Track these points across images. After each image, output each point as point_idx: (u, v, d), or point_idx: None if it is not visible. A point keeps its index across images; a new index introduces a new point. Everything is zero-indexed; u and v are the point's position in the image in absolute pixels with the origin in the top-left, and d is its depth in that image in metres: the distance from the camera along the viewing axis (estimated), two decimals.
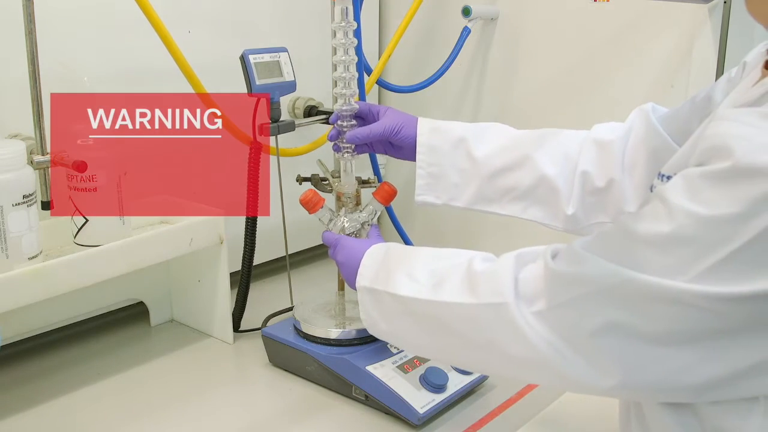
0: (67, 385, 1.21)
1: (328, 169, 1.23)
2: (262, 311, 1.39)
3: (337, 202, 1.20)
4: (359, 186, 1.20)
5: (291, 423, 1.14)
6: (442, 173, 1.14)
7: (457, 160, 1.13)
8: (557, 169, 1.08)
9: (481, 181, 1.12)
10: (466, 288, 0.83)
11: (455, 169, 1.13)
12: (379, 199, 1.17)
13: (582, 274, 0.71)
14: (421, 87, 1.72)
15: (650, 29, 1.47)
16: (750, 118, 0.64)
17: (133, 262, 1.19)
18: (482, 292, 0.80)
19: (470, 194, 1.13)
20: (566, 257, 0.75)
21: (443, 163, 1.13)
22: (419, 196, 1.16)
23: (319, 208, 1.16)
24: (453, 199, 1.14)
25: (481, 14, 1.67)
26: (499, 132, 1.15)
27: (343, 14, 1.12)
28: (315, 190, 1.18)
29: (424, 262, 0.92)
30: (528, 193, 1.10)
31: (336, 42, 1.13)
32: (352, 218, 1.17)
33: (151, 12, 1.18)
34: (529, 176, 1.10)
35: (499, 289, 0.78)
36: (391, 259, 0.97)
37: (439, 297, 0.85)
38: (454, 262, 0.89)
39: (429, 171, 1.14)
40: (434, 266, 0.90)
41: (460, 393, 1.15)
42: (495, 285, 0.79)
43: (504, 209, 1.12)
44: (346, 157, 1.18)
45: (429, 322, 0.88)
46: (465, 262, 0.87)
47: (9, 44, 1.12)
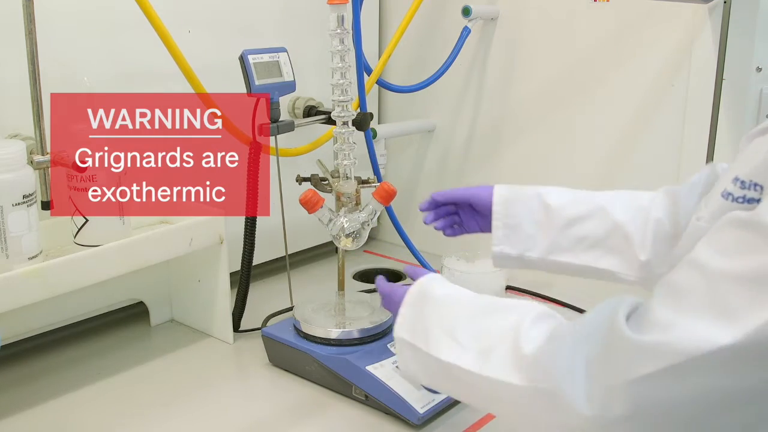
0: (67, 385, 1.21)
1: (328, 170, 1.23)
2: (262, 311, 1.39)
3: (337, 202, 1.20)
4: (359, 186, 1.20)
5: (291, 423, 1.14)
6: (517, 224, 1.14)
7: (532, 212, 1.13)
8: (629, 217, 1.07)
9: (555, 231, 1.11)
10: (514, 366, 0.77)
11: (531, 221, 1.13)
12: (379, 199, 1.18)
13: (672, 343, 0.63)
14: (421, 87, 1.72)
15: (650, 29, 1.47)
16: None
17: (133, 262, 1.19)
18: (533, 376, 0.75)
19: (545, 244, 1.12)
20: (645, 322, 0.67)
21: (519, 214, 1.14)
22: (496, 246, 1.15)
23: (318, 208, 1.17)
24: (528, 249, 1.13)
25: (481, 14, 1.67)
26: (572, 189, 1.15)
27: (339, 21, 1.13)
28: (314, 190, 1.18)
29: (467, 318, 0.88)
30: (601, 241, 1.08)
31: (332, 49, 1.14)
32: (351, 218, 1.17)
33: (151, 12, 1.18)
34: (602, 225, 1.08)
35: (552, 372, 0.72)
36: (428, 308, 0.93)
37: (485, 372, 0.80)
38: (501, 326, 0.83)
39: (505, 222, 1.14)
40: (478, 326, 0.86)
41: None
42: (548, 367, 0.73)
43: (578, 258, 1.10)
44: (346, 165, 1.19)
45: (476, 391, 0.85)
46: (512, 330, 0.80)
47: (9, 44, 1.12)
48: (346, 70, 1.17)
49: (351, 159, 1.20)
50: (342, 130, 1.20)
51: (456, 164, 1.86)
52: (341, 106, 1.18)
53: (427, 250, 1.73)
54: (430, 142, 1.90)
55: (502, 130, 1.74)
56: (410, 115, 1.90)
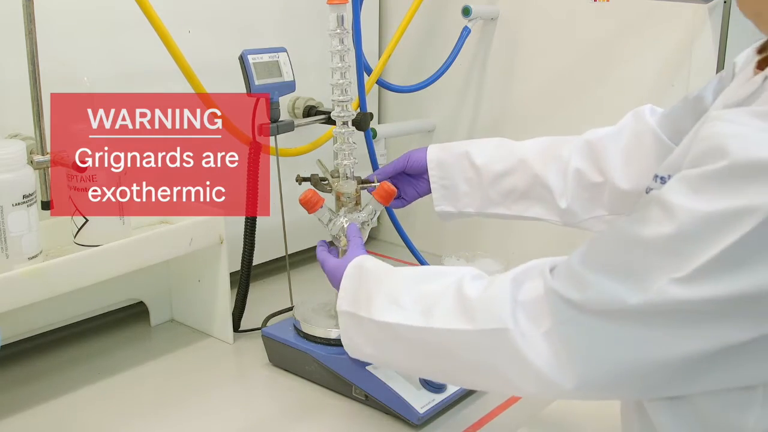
0: (67, 385, 1.21)
1: (328, 169, 1.23)
2: (262, 311, 1.39)
3: (337, 202, 1.20)
4: (359, 186, 1.20)
5: (291, 423, 1.14)
6: (452, 184, 1.22)
7: (463, 171, 1.21)
8: (548, 167, 1.15)
9: (485, 187, 1.20)
10: (460, 313, 0.82)
11: (462, 179, 1.21)
12: (379, 199, 1.18)
13: (586, 301, 0.71)
14: (421, 87, 1.72)
15: (650, 29, 1.47)
16: (741, 117, 0.66)
17: (133, 262, 1.19)
18: (480, 318, 0.79)
19: (479, 200, 1.21)
20: (566, 277, 0.75)
21: (452, 175, 1.22)
22: (437, 207, 1.23)
23: (318, 208, 1.16)
24: (466, 206, 1.22)
25: (481, 14, 1.67)
26: (499, 143, 1.23)
27: (339, 21, 1.13)
28: (314, 190, 1.18)
29: (406, 285, 0.91)
30: (526, 193, 1.17)
31: (332, 48, 1.14)
32: (351, 218, 1.17)
33: (151, 12, 1.18)
34: (524, 178, 1.17)
35: (497, 314, 0.77)
36: (369, 280, 0.96)
37: (431, 324, 0.84)
38: (441, 284, 0.87)
39: (441, 183, 1.22)
40: (419, 290, 0.89)
41: (460, 393, 1.15)
42: (493, 310, 0.78)
43: (509, 210, 1.20)
44: (346, 165, 1.20)
45: (421, 347, 0.87)
46: (453, 284, 0.85)
47: (9, 44, 1.12)
48: (345, 70, 1.17)
49: (351, 159, 1.20)
50: (342, 130, 1.20)
51: None
52: (341, 106, 1.18)
53: (427, 249, 1.73)
54: (430, 142, 1.89)
55: (502, 129, 1.74)
56: (410, 115, 1.90)
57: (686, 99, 1.04)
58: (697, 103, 1.01)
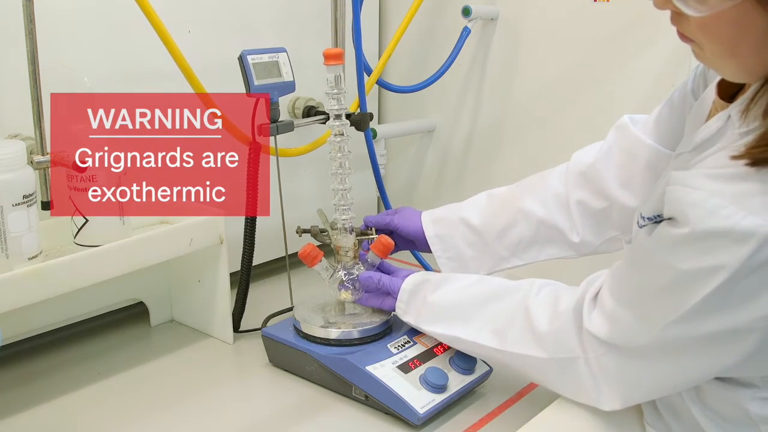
0: (67, 385, 1.21)
1: (328, 219, 1.24)
2: (262, 311, 1.39)
3: (336, 255, 1.23)
4: (357, 239, 1.23)
5: (291, 423, 1.14)
6: (457, 255, 1.25)
7: (464, 238, 1.24)
8: (549, 209, 1.18)
9: (492, 246, 1.22)
10: (532, 341, 0.97)
11: (466, 245, 1.24)
12: (377, 252, 1.21)
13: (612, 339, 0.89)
14: (421, 87, 1.72)
15: (650, 29, 1.47)
16: (696, 181, 0.75)
17: (133, 262, 1.19)
18: (552, 349, 0.95)
19: (488, 260, 1.23)
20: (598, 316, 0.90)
21: (454, 245, 1.25)
22: None
23: (317, 262, 1.20)
24: (477, 269, 1.24)
25: (481, 14, 1.68)
26: (487, 197, 1.25)
27: (336, 81, 1.14)
28: (313, 245, 1.21)
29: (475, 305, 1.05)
30: (534, 239, 1.20)
31: (329, 108, 1.16)
32: (350, 272, 1.21)
33: (151, 12, 1.18)
34: (529, 227, 1.19)
35: (568, 345, 0.93)
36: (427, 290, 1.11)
37: (505, 347, 1.00)
38: (510, 304, 1.02)
39: (446, 257, 1.25)
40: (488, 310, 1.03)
41: (460, 393, 1.15)
42: (563, 341, 0.94)
43: (522, 260, 1.22)
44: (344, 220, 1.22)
45: (488, 359, 1.09)
46: (521, 306, 1.00)
47: (9, 44, 1.12)
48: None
49: (349, 213, 1.22)
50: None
51: (456, 164, 1.86)
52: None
53: None
54: (430, 142, 1.90)
55: (502, 130, 1.75)
56: (410, 115, 1.90)
57: (671, 101, 1.06)
58: (681, 102, 1.03)
